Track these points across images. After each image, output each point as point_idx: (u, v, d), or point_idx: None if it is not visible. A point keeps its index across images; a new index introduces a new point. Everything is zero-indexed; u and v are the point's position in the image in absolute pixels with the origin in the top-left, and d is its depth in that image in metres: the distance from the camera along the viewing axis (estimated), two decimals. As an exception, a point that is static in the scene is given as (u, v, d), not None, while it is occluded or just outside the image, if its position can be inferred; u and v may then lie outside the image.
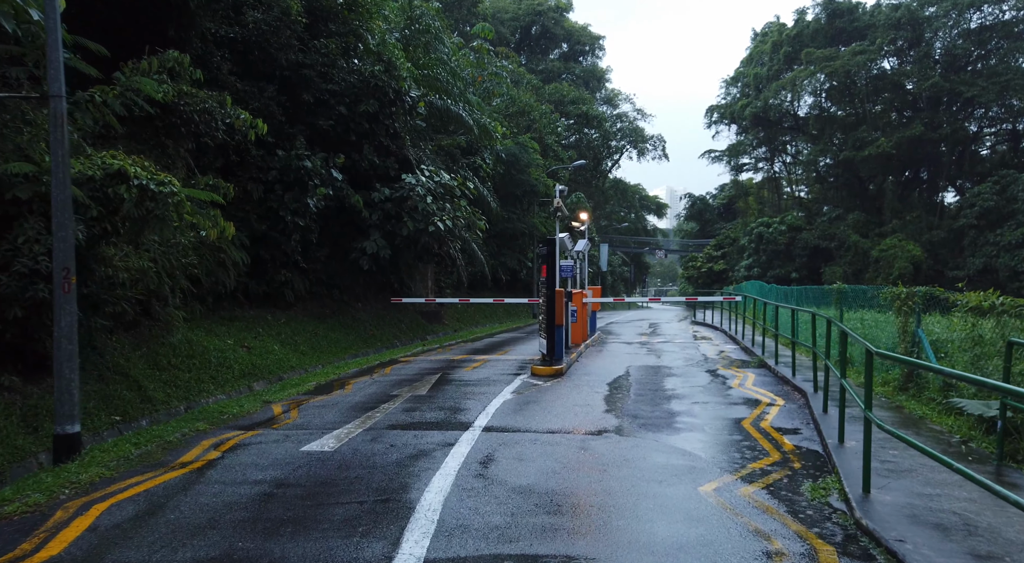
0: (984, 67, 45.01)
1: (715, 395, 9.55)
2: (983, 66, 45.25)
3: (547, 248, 11.33)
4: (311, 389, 10.12)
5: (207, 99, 10.50)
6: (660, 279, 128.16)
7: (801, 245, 47.84)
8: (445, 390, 9.84)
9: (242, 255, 14.45)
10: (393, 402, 8.84)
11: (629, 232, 73.60)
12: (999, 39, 44.06)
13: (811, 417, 7.82)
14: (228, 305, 14.59)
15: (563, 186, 13.43)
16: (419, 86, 19.16)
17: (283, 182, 15.20)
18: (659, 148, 64.40)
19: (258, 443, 6.59)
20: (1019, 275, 40.57)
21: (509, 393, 9.52)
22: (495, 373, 11.65)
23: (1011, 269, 40.28)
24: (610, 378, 11.17)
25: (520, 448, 6.39)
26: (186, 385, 9.49)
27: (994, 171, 43.21)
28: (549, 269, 11.38)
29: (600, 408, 8.56)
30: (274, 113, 15.10)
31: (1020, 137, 47.37)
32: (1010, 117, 45.69)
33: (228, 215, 14.88)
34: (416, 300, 18.14)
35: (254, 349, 12.66)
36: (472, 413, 8.10)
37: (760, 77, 52.77)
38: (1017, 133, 47.06)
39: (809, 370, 11.00)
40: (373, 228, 17.60)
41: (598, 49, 68.74)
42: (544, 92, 43.57)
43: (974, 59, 46.04)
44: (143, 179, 7.53)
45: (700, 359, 14.00)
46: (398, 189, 17.53)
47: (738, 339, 17.23)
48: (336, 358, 14.60)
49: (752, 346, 14.90)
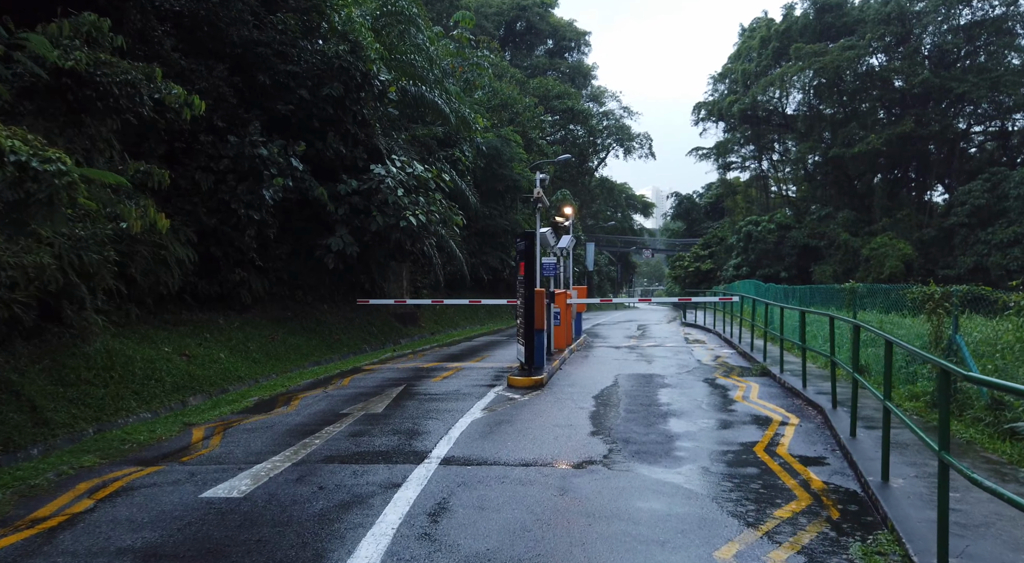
0: (973, 64, 44.36)
1: (717, 411, 8.27)
2: (972, 63, 44.60)
3: (524, 243, 10.00)
4: (250, 406, 8.72)
5: (130, 70, 9.05)
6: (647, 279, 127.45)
7: (790, 244, 46.96)
8: (405, 407, 8.47)
9: (188, 252, 12.98)
10: (340, 423, 7.46)
11: (616, 231, 72.54)
12: (989, 35, 43.41)
13: (836, 441, 6.56)
14: (174, 308, 13.14)
15: (544, 174, 12.12)
16: (391, 71, 17.76)
17: (236, 172, 13.74)
18: (646, 146, 63.39)
19: (151, 486, 5.20)
20: (1011, 274, 39.85)
21: (479, 410, 8.18)
22: (467, 384, 10.30)
23: (1003, 268, 39.58)
24: (597, 390, 9.87)
25: (483, 490, 5.06)
26: (99, 403, 8.04)
27: (984, 169, 42.57)
28: (527, 266, 10.06)
29: (585, 429, 7.24)
30: (225, 95, 13.65)
31: (1009, 135, 46.82)
32: (999, 115, 45.07)
33: (173, 208, 13.44)
34: (385, 301, 16.75)
35: (196, 358, 11.22)
36: (431, 438, 6.75)
37: (748, 73, 51.88)
38: (1006, 131, 46.50)
39: (821, 380, 9.78)
40: (339, 223, 16.17)
41: (584, 45, 67.61)
42: (529, 86, 42.27)
43: (964, 56, 45.41)
44: (23, 155, 6.10)
45: (695, 366, 12.74)
46: (366, 181, 16.12)
47: (734, 343, 16.02)
48: (294, 366, 13.17)
49: (751, 351, 13.67)
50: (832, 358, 7.74)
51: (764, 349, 12.27)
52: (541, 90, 42.74)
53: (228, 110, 13.87)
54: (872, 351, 9.77)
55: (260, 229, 14.34)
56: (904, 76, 44.66)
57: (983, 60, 44.16)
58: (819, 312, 9.70)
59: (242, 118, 14.09)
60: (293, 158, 14.47)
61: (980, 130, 47.88)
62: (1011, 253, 39.27)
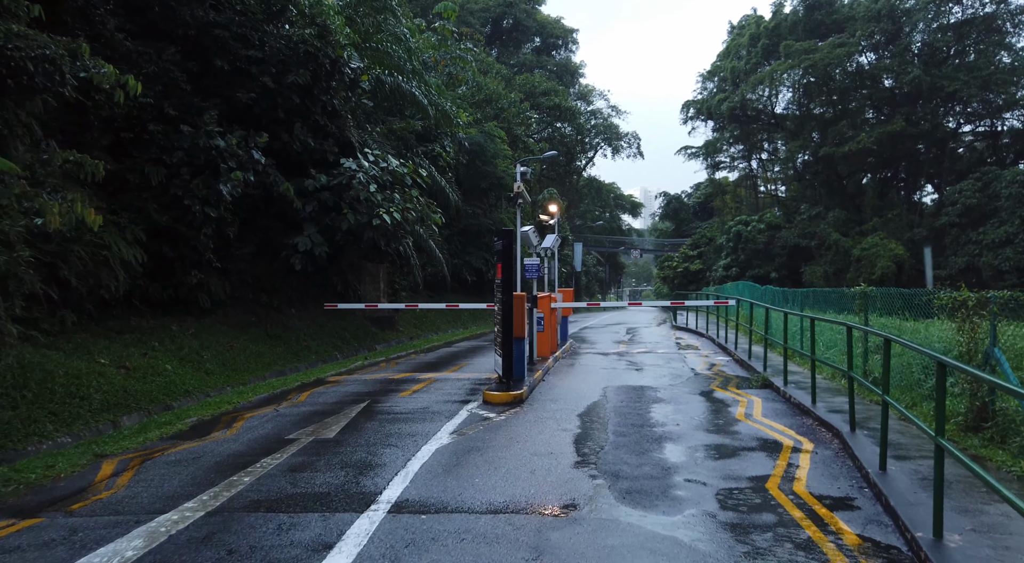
0: (963, 63, 43.88)
1: (718, 433, 7.27)
2: (962, 62, 44.12)
3: (503, 242, 8.95)
4: (184, 429, 7.60)
5: (49, 44, 7.90)
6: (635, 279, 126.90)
7: (780, 244, 46.27)
8: (363, 430, 7.40)
9: (136, 252, 11.84)
10: (282, 453, 6.38)
11: (603, 231, 71.73)
12: (979, 34, 42.93)
13: (862, 476, 5.57)
14: (120, 314, 11.98)
15: (526, 168, 11.08)
16: (364, 58, 16.64)
17: (191, 165, 12.59)
18: (634, 146, 62.64)
19: (9, 552, 4.08)
20: (1003, 275, 39.35)
21: (447, 435, 7.12)
22: (437, 401, 9.23)
23: (994, 268, 39.06)
24: (582, 406, 8.85)
25: (437, 553, 4.01)
26: (3, 428, 6.90)
27: (973, 169, 42.10)
28: (506, 268, 9.01)
29: (567, 458, 6.21)
30: (177, 80, 12.49)
31: (999, 135, 46.43)
32: (989, 114, 44.62)
33: (120, 204, 12.27)
34: (355, 305, 15.63)
35: (137, 370, 10.07)
36: (385, 473, 5.69)
37: (737, 71, 51.19)
38: (997, 131, 46.10)
39: (830, 394, 8.82)
40: (308, 222, 15.06)
41: (571, 43, 66.72)
42: (515, 82, 41.23)
43: (954, 54, 44.94)
44: None
45: (689, 375, 11.76)
46: (337, 176, 15.01)
47: (729, 349, 15.07)
48: (252, 377, 12.04)
49: (749, 359, 12.72)
50: (850, 374, 6.77)
51: (764, 357, 11.31)
52: (527, 86, 41.73)
53: (181, 97, 12.72)
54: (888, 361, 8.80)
55: (219, 227, 13.20)
56: (895, 74, 44.10)
57: (973, 59, 43.68)
58: (833, 320, 8.73)
59: (197, 106, 12.94)
60: (255, 150, 13.33)
61: (969, 130, 47.46)
62: (1003, 253, 38.75)
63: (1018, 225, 38.25)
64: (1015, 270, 38.15)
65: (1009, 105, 43.43)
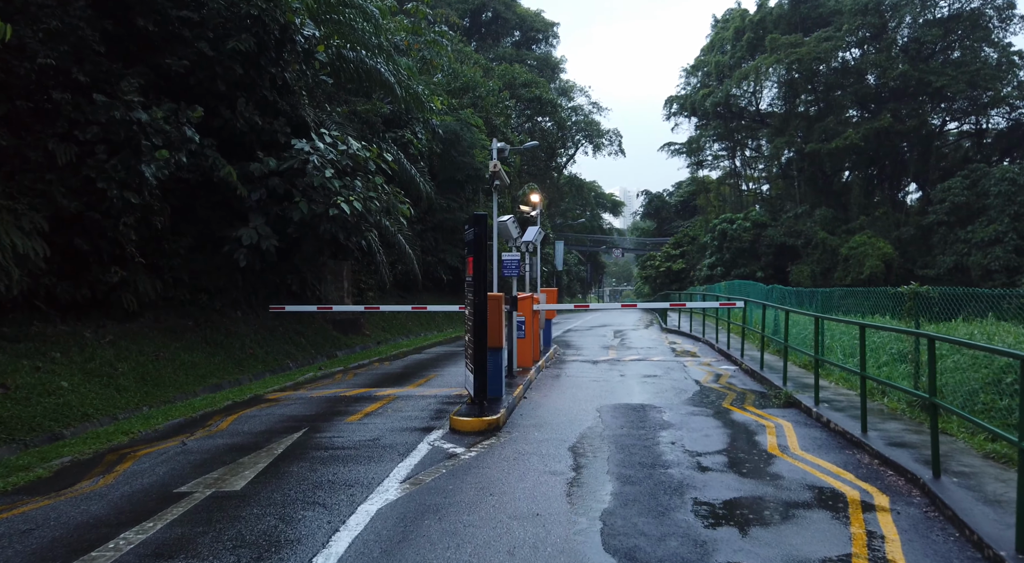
0: (949, 59, 43.06)
1: (754, 477, 5.57)
2: (945, 59, 43.29)
3: (474, 229, 7.13)
4: (46, 476, 5.69)
5: None
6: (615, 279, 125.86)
7: (766, 242, 45.06)
8: (284, 477, 5.56)
9: (35, 244, 9.87)
10: (159, 519, 4.52)
11: (584, 230, 70.25)
12: (966, 30, 42.11)
13: (985, 557, 3.87)
14: (19, 318, 10.02)
15: (503, 144, 9.28)
16: (321, 28, 14.72)
17: (109, 142, 10.62)
18: (615, 143, 61.13)
19: None
20: (992, 274, 38.45)
21: (397, 484, 5.32)
22: (393, 428, 7.42)
23: (983, 267, 38.16)
24: (574, 434, 7.11)
25: None
26: None
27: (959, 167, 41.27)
28: (478, 262, 7.20)
29: (561, 527, 4.45)
30: (88, 40, 10.49)
31: (984, 133, 45.77)
32: (976, 111, 43.84)
33: (17, 187, 10.26)
34: (306, 308, 13.71)
35: (22, 388, 8.11)
36: (295, 560, 3.87)
37: (722, 65, 49.95)
38: (982, 129, 45.42)
39: (880, 417, 7.17)
40: (254, 211, 13.12)
41: (552, 37, 65.18)
42: (494, 73, 39.40)
43: (940, 50, 44.13)
44: None
45: (694, 389, 10.08)
46: (288, 159, 13.09)
47: (732, 356, 13.45)
48: (180, 393, 10.10)
49: (761, 369, 11.06)
50: (934, 400, 5.09)
51: (784, 369, 9.66)
52: (507, 77, 39.92)
53: (95, 62, 10.73)
54: (947, 373, 7.19)
55: (144, 216, 11.27)
56: (881, 69, 43.10)
57: (959, 55, 42.88)
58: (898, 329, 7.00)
59: (116, 73, 10.95)
60: (187, 127, 11.37)
61: (955, 127, 46.73)
62: (992, 252, 37.85)
63: (1008, 223, 37.41)
64: (1005, 269, 37.28)
65: (995, 102, 42.68)
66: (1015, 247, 37.29)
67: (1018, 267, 37.31)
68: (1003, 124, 45.08)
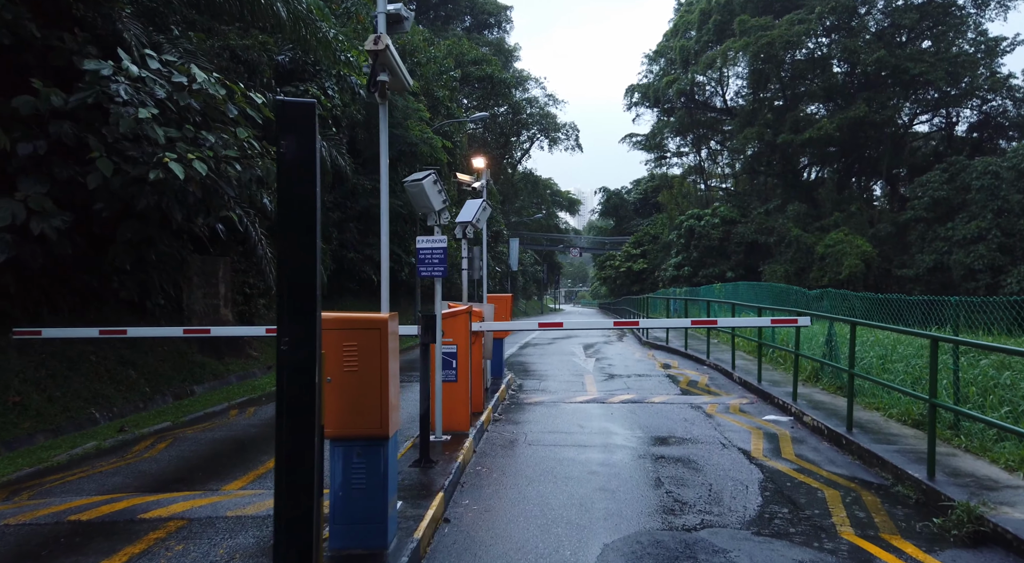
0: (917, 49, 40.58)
1: None
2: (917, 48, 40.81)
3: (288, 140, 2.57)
4: None
5: None
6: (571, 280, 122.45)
7: (736, 240, 41.66)
8: None
9: None
10: None
11: (540, 229, 66.11)
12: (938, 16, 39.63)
13: None
14: None
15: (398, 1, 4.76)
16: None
17: None
18: (572, 138, 57.03)
19: None
20: (975, 274, 35.61)
21: None
22: None
23: (966, 266, 35.30)
24: None
25: None
26: None
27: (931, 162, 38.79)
28: (298, 238, 2.67)
29: None
30: None
31: (954, 126, 43.62)
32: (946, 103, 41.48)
33: None
34: (58, 333, 8.65)
35: None
36: None
37: (687, 50, 46.47)
38: (952, 122, 43.23)
39: None
40: (24, 175, 8.18)
41: (506, 22, 60.72)
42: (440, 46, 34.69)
43: (914, 37, 41.66)
44: None
45: (757, 481, 5.74)
46: (82, 91, 8.19)
47: (763, 389, 9.23)
48: None
49: (848, 430, 6.77)
50: None
51: (850, 412, 5.37)
52: (455, 52, 35.23)
53: None
54: None
55: None
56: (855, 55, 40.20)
57: (929, 45, 40.49)
58: None
59: None
60: None
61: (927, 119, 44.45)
62: (975, 250, 35.00)
63: (991, 219, 34.77)
64: (989, 269, 34.55)
65: (968, 93, 40.37)
66: (1000, 245, 34.57)
67: (1003, 266, 34.60)
68: (974, 117, 43.05)
